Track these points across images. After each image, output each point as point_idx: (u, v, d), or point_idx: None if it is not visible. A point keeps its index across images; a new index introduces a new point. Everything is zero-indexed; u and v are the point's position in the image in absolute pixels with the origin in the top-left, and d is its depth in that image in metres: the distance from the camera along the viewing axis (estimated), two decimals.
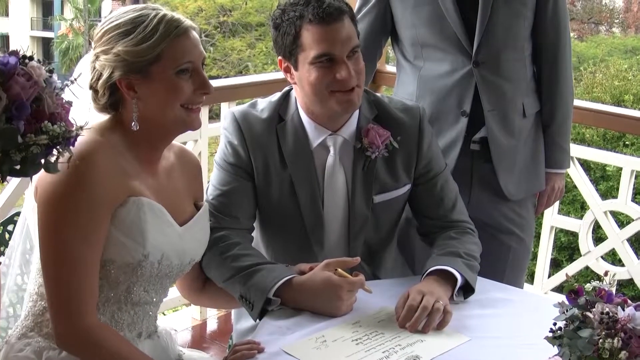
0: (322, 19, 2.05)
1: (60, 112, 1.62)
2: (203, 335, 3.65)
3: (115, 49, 1.78)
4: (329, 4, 2.07)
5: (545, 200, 2.84)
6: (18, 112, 1.54)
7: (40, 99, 1.59)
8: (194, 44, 1.84)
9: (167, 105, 1.82)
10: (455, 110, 2.59)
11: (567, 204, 8.76)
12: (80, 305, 1.73)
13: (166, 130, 1.89)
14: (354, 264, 2.05)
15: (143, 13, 1.81)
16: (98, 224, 1.75)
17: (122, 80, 1.80)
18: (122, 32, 1.79)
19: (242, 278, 2.01)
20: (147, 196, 1.83)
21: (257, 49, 25.52)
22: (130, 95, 1.81)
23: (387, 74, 3.70)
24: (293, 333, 1.89)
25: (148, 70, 1.79)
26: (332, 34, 2.07)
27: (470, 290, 2.08)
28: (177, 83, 1.81)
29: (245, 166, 2.17)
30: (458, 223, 2.28)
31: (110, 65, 1.79)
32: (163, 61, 1.79)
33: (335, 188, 2.20)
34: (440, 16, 2.53)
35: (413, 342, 1.86)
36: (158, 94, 1.81)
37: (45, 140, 1.56)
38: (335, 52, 2.07)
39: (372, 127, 2.19)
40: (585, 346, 1.49)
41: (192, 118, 1.87)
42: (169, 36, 1.79)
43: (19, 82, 1.56)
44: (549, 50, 2.65)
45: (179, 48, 1.81)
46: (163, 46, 1.79)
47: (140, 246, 1.80)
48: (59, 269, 1.73)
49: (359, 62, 2.11)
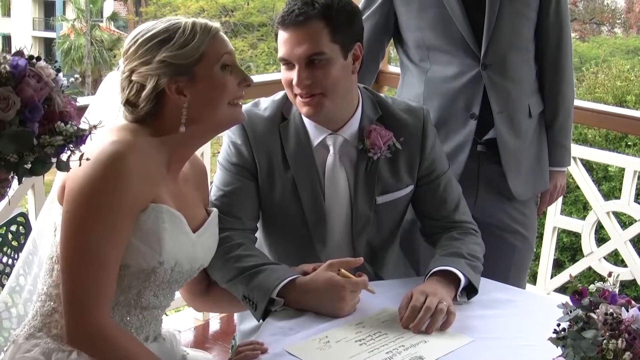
0: (284, 21, 2.08)
1: (69, 110, 1.62)
2: (205, 336, 3.65)
3: (159, 56, 1.81)
4: (295, 9, 2.07)
5: (548, 198, 2.86)
6: (32, 115, 1.54)
7: (50, 98, 1.59)
8: (226, 39, 1.90)
9: (217, 103, 1.87)
10: (464, 113, 2.59)
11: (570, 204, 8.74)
12: (96, 304, 1.72)
13: (214, 129, 1.96)
14: (357, 264, 2.05)
15: (174, 21, 1.86)
16: (124, 225, 1.74)
17: (171, 85, 1.82)
18: (162, 40, 1.82)
19: (245, 279, 2.01)
20: (167, 202, 1.83)
21: (259, 49, 25.53)
22: (180, 100, 1.83)
23: (390, 74, 3.71)
24: (296, 334, 1.88)
25: (193, 72, 1.83)
26: (289, 39, 2.09)
27: (473, 291, 2.08)
28: (223, 78, 1.86)
29: (249, 166, 2.17)
30: (461, 224, 2.28)
31: (154, 74, 1.81)
32: (206, 59, 1.84)
33: (336, 188, 2.20)
34: (446, 19, 2.53)
35: (416, 343, 1.86)
36: (207, 93, 1.85)
37: (61, 141, 1.56)
38: (290, 57, 2.09)
39: (374, 128, 2.18)
40: (589, 347, 1.48)
41: (238, 112, 1.94)
42: (208, 35, 1.85)
43: (31, 84, 1.55)
44: (552, 50, 2.66)
45: (218, 45, 1.86)
46: (205, 45, 1.84)
47: (156, 253, 1.80)
48: (79, 263, 1.72)
49: (322, 69, 2.08)
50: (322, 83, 2.09)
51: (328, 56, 2.08)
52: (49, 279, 1.86)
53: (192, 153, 1.97)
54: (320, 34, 2.07)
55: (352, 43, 2.13)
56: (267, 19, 25.16)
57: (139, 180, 1.75)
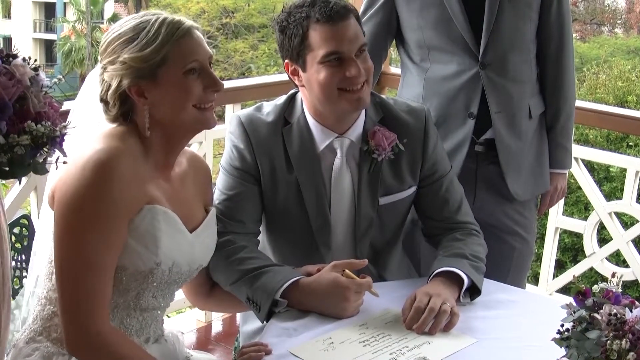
0: (330, 17, 2.06)
1: (47, 111, 1.59)
2: (208, 337, 3.65)
3: (121, 57, 1.79)
4: (336, 3, 2.08)
5: (549, 200, 2.86)
6: (0, 113, 1.52)
7: (24, 97, 1.56)
8: (198, 43, 1.84)
9: (179, 107, 1.82)
10: (463, 112, 2.59)
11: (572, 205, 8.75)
12: (93, 310, 1.72)
13: (181, 133, 1.89)
14: (361, 265, 2.05)
15: (144, 19, 1.82)
16: (117, 229, 1.74)
17: (132, 87, 1.80)
18: (126, 40, 1.80)
19: (249, 280, 2.02)
20: (162, 202, 1.83)
21: (260, 50, 25.53)
22: (141, 102, 1.81)
23: (391, 75, 3.71)
24: (300, 335, 1.89)
25: (155, 74, 1.79)
26: (340, 33, 2.07)
27: (476, 291, 2.08)
28: (186, 83, 1.81)
29: (252, 170, 2.17)
30: (463, 224, 2.28)
31: (118, 75, 1.80)
32: (169, 63, 1.79)
33: (341, 190, 2.20)
34: (447, 18, 2.54)
35: (420, 344, 1.86)
36: (168, 97, 1.81)
37: (27, 140, 1.53)
38: (344, 50, 2.07)
39: (379, 129, 2.19)
40: (593, 348, 1.49)
41: (207, 117, 1.87)
42: (172, 37, 1.79)
43: (1, 81, 1.53)
44: (553, 51, 2.66)
45: (184, 48, 1.81)
46: (167, 48, 1.79)
47: (153, 254, 1.80)
48: (75, 270, 1.71)
49: (367, 60, 2.12)
50: (369, 72, 2.13)
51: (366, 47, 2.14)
52: (48, 282, 1.86)
53: (175, 156, 1.93)
54: (358, 26, 2.12)
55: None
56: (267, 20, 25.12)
57: (129, 185, 1.74)
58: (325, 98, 2.12)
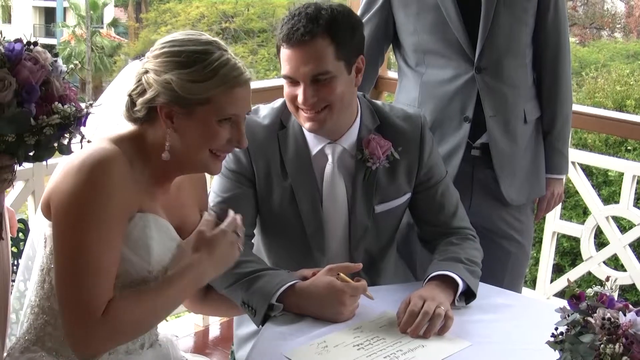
0: (289, 40, 2.05)
1: (68, 94, 1.63)
2: (205, 342, 3.65)
3: (168, 75, 1.74)
4: (299, 27, 2.03)
5: (545, 206, 2.86)
6: (29, 95, 1.57)
7: (48, 82, 1.61)
8: (245, 97, 1.80)
9: (199, 146, 1.79)
10: (458, 116, 2.60)
11: (569, 209, 8.76)
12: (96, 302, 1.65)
13: (187, 168, 1.87)
14: (357, 269, 2.05)
15: (208, 50, 1.76)
16: (117, 229, 1.71)
17: (164, 107, 1.76)
18: (181, 63, 1.74)
19: (245, 284, 2.02)
20: (154, 210, 1.82)
21: (260, 55, 25.56)
22: (166, 124, 1.77)
23: (389, 79, 3.71)
24: (295, 339, 1.88)
25: (193, 109, 1.75)
26: (294, 58, 2.06)
27: (472, 295, 2.08)
28: (216, 130, 1.78)
29: (247, 173, 2.18)
30: (459, 229, 2.28)
31: (157, 88, 1.75)
32: (210, 105, 1.75)
33: (335, 196, 2.20)
34: (442, 23, 2.55)
35: (414, 348, 1.86)
36: (194, 133, 1.77)
37: (58, 119, 1.57)
38: (295, 76, 2.08)
39: (373, 137, 2.19)
40: (587, 351, 1.49)
41: (217, 165, 1.86)
42: (226, 84, 1.75)
43: (27, 66, 1.58)
44: (550, 57, 2.67)
45: (231, 99, 1.77)
46: (216, 92, 1.75)
47: (145, 262, 1.79)
48: (79, 272, 1.67)
49: (327, 87, 2.07)
50: (327, 99, 2.09)
51: (333, 74, 2.07)
52: (40, 290, 1.84)
53: (174, 178, 1.91)
54: (326, 52, 2.05)
55: (355, 57, 2.13)
56: (267, 25, 25.20)
57: (124, 186, 1.72)
58: (291, 111, 2.16)
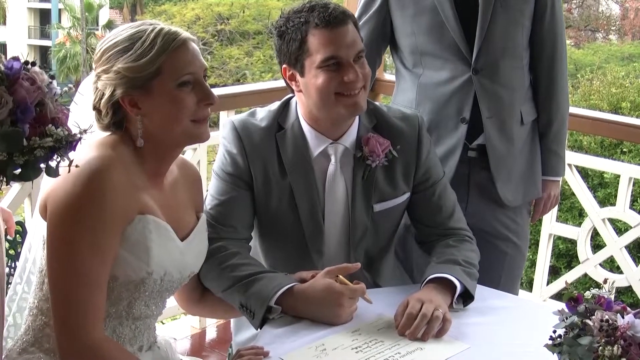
0: (328, 22, 2.07)
1: (60, 117, 1.63)
2: (202, 344, 3.65)
3: (115, 66, 1.78)
4: (334, 9, 2.09)
5: (542, 208, 2.86)
6: (23, 115, 1.56)
7: (42, 103, 1.61)
8: (193, 55, 1.82)
9: (173, 119, 1.81)
10: (455, 117, 2.60)
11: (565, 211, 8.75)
12: (87, 320, 1.70)
13: (174, 144, 1.88)
14: (355, 269, 2.05)
15: (140, 29, 1.80)
16: (110, 239, 1.73)
17: (125, 97, 1.79)
18: (121, 50, 1.78)
19: (242, 287, 2.01)
20: (154, 212, 1.83)
21: (255, 57, 25.53)
22: (134, 112, 1.80)
23: (385, 82, 3.71)
24: (293, 342, 1.88)
25: (149, 86, 1.78)
26: (338, 38, 2.08)
27: (469, 297, 2.08)
28: (179, 96, 1.80)
29: (244, 175, 2.17)
30: (456, 231, 2.28)
31: (111, 84, 1.78)
32: (163, 75, 1.78)
33: (335, 197, 2.20)
34: (440, 24, 2.55)
35: (412, 350, 1.86)
36: (162, 109, 1.80)
37: (51, 142, 1.57)
38: (342, 55, 2.08)
39: (373, 135, 2.19)
40: (585, 353, 1.49)
41: (201, 130, 1.86)
42: (167, 49, 1.78)
43: (24, 85, 1.58)
44: (546, 59, 2.68)
45: (178, 60, 1.79)
46: (162, 59, 1.77)
47: (144, 264, 1.79)
48: (68, 283, 1.70)
49: (365, 66, 2.13)
50: (366, 78, 2.14)
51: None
52: (39, 292, 1.84)
53: (167, 165, 1.92)
54: (356, 31, 2.13)
55: None
56: (262, 27, 25.16)
57: (122, 194, 1.73)
58: (322, 103, 2.12)
